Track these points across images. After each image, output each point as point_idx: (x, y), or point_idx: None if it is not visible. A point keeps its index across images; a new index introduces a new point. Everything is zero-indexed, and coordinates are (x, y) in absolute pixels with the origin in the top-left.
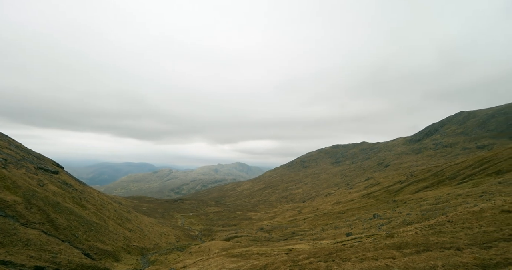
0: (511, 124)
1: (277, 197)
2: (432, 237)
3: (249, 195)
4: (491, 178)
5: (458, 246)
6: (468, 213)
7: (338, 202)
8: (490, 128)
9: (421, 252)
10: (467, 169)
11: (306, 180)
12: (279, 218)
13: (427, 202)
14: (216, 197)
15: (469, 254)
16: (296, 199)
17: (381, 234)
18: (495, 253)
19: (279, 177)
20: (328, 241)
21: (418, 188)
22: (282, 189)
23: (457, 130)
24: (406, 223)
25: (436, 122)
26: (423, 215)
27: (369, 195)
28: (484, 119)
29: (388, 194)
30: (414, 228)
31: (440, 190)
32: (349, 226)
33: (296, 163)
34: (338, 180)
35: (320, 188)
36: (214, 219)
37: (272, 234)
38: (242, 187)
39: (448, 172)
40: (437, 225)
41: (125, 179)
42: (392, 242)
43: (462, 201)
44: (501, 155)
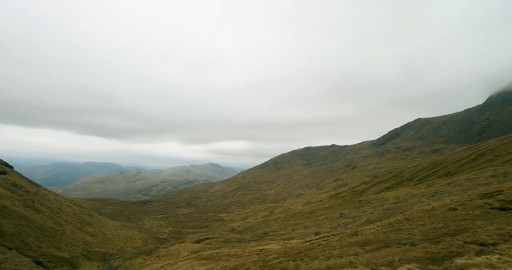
0: (459, 131)
1: (249, 197)
2: (391, 234)
3: (222, 196)
4: (442, 179)
5: (413, 241)
6: (422, 212)
7: (309, 202)
8: (442, 134)
9: (381, 249)
10: (423, 171)
11: (278, 181)
12: (251, 218)
13: (388, 201)
14: (187, 198)
15: (422, 249)
16: (269, 200)
17: (346, 232)
18: (442, 247)
19: (252, 178)
20: (298, 241)
21: (381, 189)
22: (255, 189)
23: (415, 136)
24: (369, 221)
25: (397, 128)
26: (384, 213)
27: (337, 195)
28: (438, 126)
29: (354, 194)
30: (376, 226)
31: (399, 190)
32: (318, 226)
33: (269, 164)
34: (309, 181)
35: (292, 189)
36: (184, 221)
37: (244, 235)
38: (214, 188)
39: (406, 174)
40: (396, 223)
41: (87, 180)
42: (356, 240)
43: (418, 200)
44: (450, 158)
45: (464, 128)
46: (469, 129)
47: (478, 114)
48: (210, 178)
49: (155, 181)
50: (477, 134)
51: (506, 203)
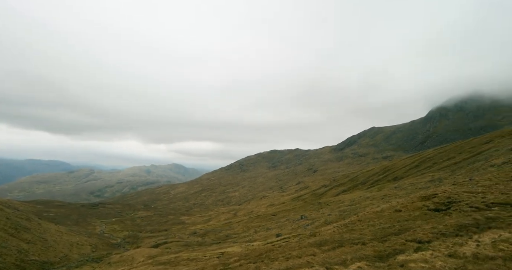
0: (405, 140)
1: (213, 200)
2: (345, 235)
3: (184, 198)
4: (390, 183)
5: (364, 241)
6: (373, 213)
7: (272, 205)
8: (392, 142)
9: (336, 248)
10: (375, 175)
11: (243, 183)
12: (214, 221)
13: (344, 203)
14: (146, 200)
15: (371, 247)
16: (233, 202)
17: (306, 233)
18: (388, 245)
19: (217, 180)
20: (260, 243)
21: (338, 191)
22: (220, 192)
23: (370, 143)
24: (327, 222)
25: (355, 135)
26: (340, 215)
27: (299, 197)
28: (389, 135)
29: (315, 197)
30: (333, 227)
31: (354, 193)
32: (279, 227)
33: (235, 166)
34: (273, 183)
35: (256, 191)
36: (141, 225)
37: (205, 238)
38: (177, 190)
39: (361, 178)
40: (350, 224)
41: (27, 179)
42: (314, 241)
43: (370, 203)
44: (397, 164)
45: (410, 138)
46: (413, 139)
47: (421, 126)
48: (173, 179)
49: (110, 182)
50: (419, 143)
51: (439, 205)
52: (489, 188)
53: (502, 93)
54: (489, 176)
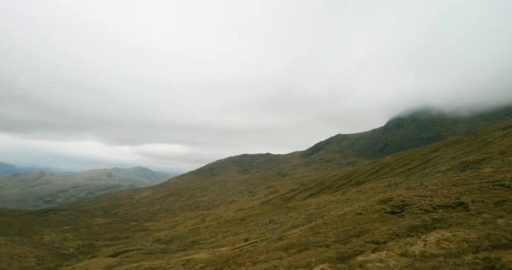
0: (368, 147)
1: (181, 205)
2: (311, 237)
3: (149, 203)
4: (353, 188)
5: (328, 243)
6: (337, 216)
7: (241, 209)
8: (356, 149)
9: (302, 251)
10: (339, 180)
11: (213, 188)
12: (181, 227)
13: (311, 207)
14: (106, 206)
15: (334, 249)
16: (201, 207)
17: (273, 237)
18: (349, 247)
19: (186, 184)
20: (228, 248)
21: (306, 195)
22: (188, 196)
23: (335, 149)
24: (294, 226)
25: (322, 141)
26: (307, 218)
27: (268, 202)
28: (353, 142)
29: (283, 201)
30: (299, 231)
31: (321, 197)
32: (248, 232)
33: (205, 170)
34: (243, 187)
35: (225, 195)
36: (99, 233)
37: (171, 245)
38: (141, 194)
39: (327, 182)
40: (316, 227)
41: None
42: (281, 244)
43: (334, 206)
44: (360, 170)
45: (371, 145)
46: (374, 146)
47: (381, 134)
48: (137, 183)
49: (64, 186)
50: (379, 150)
51: (395, 208)
52: (436, 192)
53: (446, 107)
54: (436, 181)
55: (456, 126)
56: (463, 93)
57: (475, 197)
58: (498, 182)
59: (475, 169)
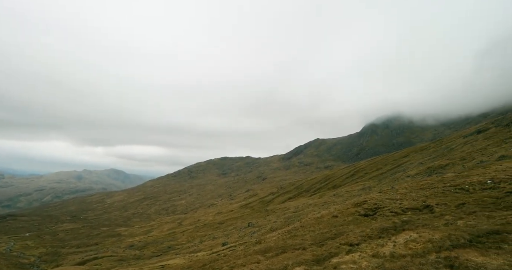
0: (344, 152)
1: (157, 209)
2: (288, 241)
3: (122, 207)
4: (330, 191)
5: (304, 246)
6: (314, 219)
7: (220, 213)
8: (333, 153)
9: (280, 254)
10: (317, 183)
11: (191, 191)
12: (156, 232)
13: (289, 210)
14: (74, 210)
15: (310, 252)
16: (178, 211)
17: (252, 241)
18: (325, 249)
19: (163, 187)
20: (205, 253)
21: (285, 199)
22: (164, 200)
23: (314, 153)
24: (272, 229)
25: (301, 145)
26: (285, 221)
27: (247, 205)
28: (330, 146)
29: (262, 204)
30: (277, 234)
31: (299, 200)
32: (226, 236)
33: (184, 172)
34: (222, 191)
35: (204, 199)
36: (65, 239)
37: (145, 251)
38: (114, 198)
39: (305, 186)
40: (293, 230)
41: None
42: (259, 248)
43: (312, 209)
44: (337, 174)
45: (348, 150)
46: (350, 151)
47: (356, 139)
48: (110, 186)
49: (26, 189)
50: (355, 155)
51: (368, 210)
52: (405, 195)
53: (415, 115)
54: (405, 185)
55: (424, 133)
56: (430, 103)
57: (439, 200)
58: (459, 186)
59: (440, 173)
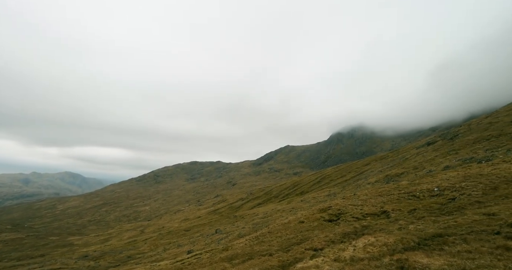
0: (312, 159)
1: (117, 215)
2: (255, 247)
3: (77, 214)
4: (298, 197)
5: (271, 252)
6: (281, 225)
7: (186, 219)
8: (302, 160)
9: (246, 261)
10: (286, 189)
11: (156, 196)
12: (115, 240)
13: (258, 216)
14: (17, 218)
15: (276, 258)
16: (141, 217)
17: (218, 248)
18: (291, 255)
19: (125, 192)
20: (168, 261)
21: (254, 204)
22: (126, 206)
23: (284, 159)
24: (240, 236)
25: (272, 151)
26: (253, 228)
27: (216, 211)
28: (300, 153)
29: (231, 210)
30: (245, 240)
31: (268, 206)
32: (192, 243)
33: (149, 177)
34: (190, 196)
35: (170, 205)
36: (3, 251)
37: (100, 262)
38: (67, 204)
39: (274, 191)
40: (261, 236)
41: None
42: (226, 255)
43: (280, 215)
44: (305, 180)
45: (316, 157)
46: (318, 158)
47: (324, 147)
48: (64, 191)
49: None
50: (322, 162)
51: (332, 216)
52: (365, 202)
53: (377, 127)
54: (366, 191)
55: (383, 143)
56: (389, 116)
57: (395, 206)
58: (412, 193)
59: (396, 181)
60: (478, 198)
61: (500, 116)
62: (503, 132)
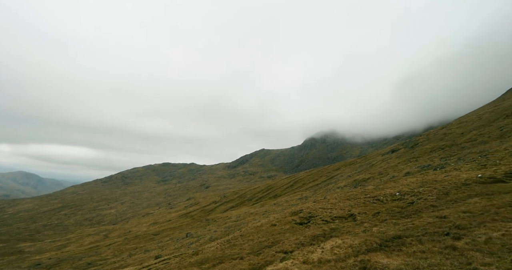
0: (286, 163)
1: (78, 219)
2: (227, 250)
3: (30, 218)
4: (271, 200)
5: (242, 255)
6: (253, 228)
7: (155, 223)
8: (276, 164)
9: (217, 265)
10: (259, 193)
11: (124, 199)
12: (74, 246)
13: (231, 219)
14: None
15: (247, 261)
16: (106, 221)
17: (188, 252)
18: (261, 258)
19: (88, 194)
20: (133, 268)
21: (227, 208)
22: (89, 209)
23: (259, 163)
24: (212, 239)
25: (247, 154)
26: (226, 231)
27: (187, 214)
28: (274, 157)
29: (204, 213)
30: (216, 244)
31: (241, 209)
32: (160, 248)
33: (116, 178)
34: (161, 199)
35: (139, 208)
36: None
37: None
38: (19, 207)
39: (248, 195)
40: (233, 240)
41: None
42: (196, 260)
43: (253, 218)
44: (278, 183)
45: (289, 161)
46: (292, 162)
47: (298, 151)
48: (16, 193)
49: None
50: (295, 166)
51: (303, 219)
52: (335, 205)
53: (347, 133)
54: (335, 195)
55: (353, 150)
56: (358, 123)
57: (361, 209)
58: (376, 197)
59: (363, 185)
60: (433, 202)
61: (453, 128)
62: (455, 143)
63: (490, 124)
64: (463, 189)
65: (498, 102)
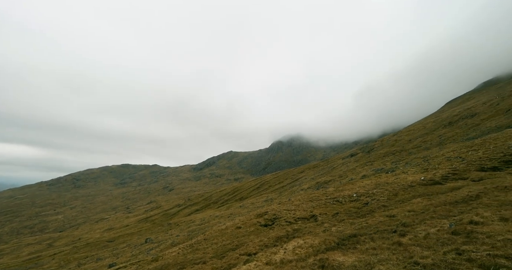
0: (253, 165)
1: (15, 227)
2: (189, 255)
3: None
4: (237, 203)
5: (205, 260)
6: (218, 231)
7: (111, 228)
8: (244, 166)
9: None
10: (226, 195)
11: (74, 203)
12: (8, 258)
13: (195, 223)
14: None
15: (210, 265)
16: (51, 228)
17: (147, 259)
18: (225, 261)
19: (29, 198)
20: None
21: (191, 211)
22: (30, 215)
23: (226, 165)
24: (173, 244)
25: (215, 156)
26: (189, 235)
27: (148, 218)
28: (242, 159)
29: (166, 217)
30: (178, 249)
31: (206, 212)
32: (115, 256)
33: (66, 180)
34: (118, 203)
35: (92, 213)
36: None
37: None
38: None
39: (214, 197)
40: (196, 244)
41: None
42: (155, 266)
43: (218, 221)
44: (244, 186)
45: (257, 163)
46: (259, 164)
47: (265, 154)
48: None
49: None
50: (262, 169)
51: (268, 221)
52: (298, 206)
53: (312, 138)
54: (299, 197)
55: (316, 153)
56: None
57: (322, 210)
58: (336, 199)
59: (324, 187)
60: (384, 202)
61: (402, 135)
62: (404, 149)
63: (432, 132)
64: (409, 190)
65: (439, 114)
